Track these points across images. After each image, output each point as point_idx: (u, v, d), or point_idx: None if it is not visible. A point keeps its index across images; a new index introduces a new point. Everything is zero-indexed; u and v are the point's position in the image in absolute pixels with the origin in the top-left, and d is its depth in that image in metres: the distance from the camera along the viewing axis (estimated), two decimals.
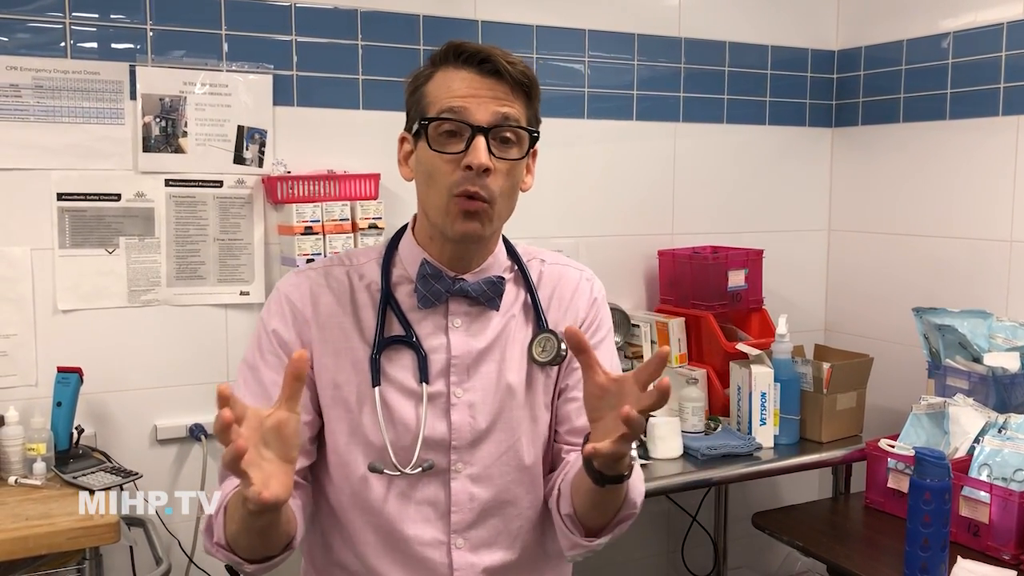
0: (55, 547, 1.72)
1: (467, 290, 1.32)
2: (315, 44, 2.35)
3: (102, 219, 2.17)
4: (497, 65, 1.24)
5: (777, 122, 3.02)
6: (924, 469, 1.81)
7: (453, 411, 1.32)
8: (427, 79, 1.29)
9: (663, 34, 2.80)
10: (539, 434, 1.38)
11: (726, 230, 2.90)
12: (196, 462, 2.28)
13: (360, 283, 1.35)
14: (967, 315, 2.41)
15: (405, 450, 1.30)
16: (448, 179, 1.24)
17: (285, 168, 2.31)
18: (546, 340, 1.35)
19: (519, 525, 1.37)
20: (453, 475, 1.33)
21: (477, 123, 1.23)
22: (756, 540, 2.70)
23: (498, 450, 1.34)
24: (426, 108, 1.27)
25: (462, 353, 1.33)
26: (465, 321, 1.34)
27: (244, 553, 1.21)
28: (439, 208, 1.26)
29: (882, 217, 2.96)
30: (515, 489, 1.36)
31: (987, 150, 2.62)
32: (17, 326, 2.12)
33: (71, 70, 2.12)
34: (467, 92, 1.24)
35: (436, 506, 1.33)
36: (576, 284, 1.42)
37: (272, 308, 1.34)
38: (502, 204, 1.27)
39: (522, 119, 1.27)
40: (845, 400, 2.45)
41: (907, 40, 2.83)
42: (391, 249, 1.38)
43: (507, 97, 1.25)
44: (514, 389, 1.35)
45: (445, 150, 1.24)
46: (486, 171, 1.22)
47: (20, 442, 1.97)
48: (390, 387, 1.31)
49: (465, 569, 1.34)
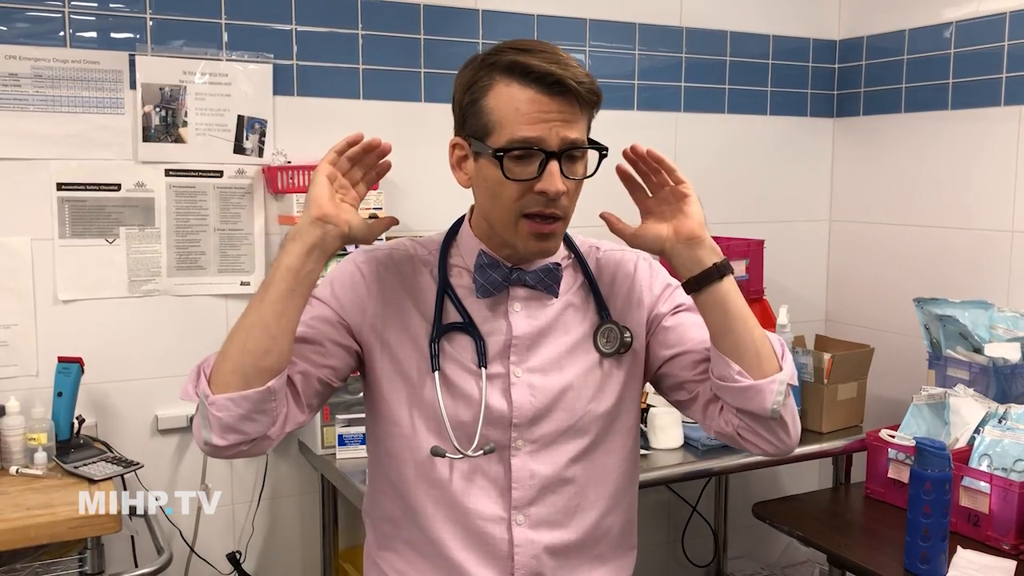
0: (57, 537, 1.73)
1: (525, 279, 1.34)
2: (315, 33, 2.35)
3: (102, 209, 2.17)
4: (568, 86, 1.21)
5: (778, 112, 3.02)
6: (925, 459, 1.81)
7: (513, 389, 1.34)
8: (487, 91, 1.25)
9: (664, 24, 2.79)
10: (607, 414, 1.38)
11: (727, 220, 2.89)
12: (197, 452, 2.28)
13: (421, 270, 1.38)
14: (968, 305, 2.40)
15: (467, 431, 1.32)
16: (517, 200, 1.25)
17: (285, 158, 2.30)
18: (609, 331, 1.37)
19: (578, 503, 1.38)
20: (513, 452, 1.34)
21: (550, 148, 1.22)
22: (756, 530, 2.70)
23: (558, 428, 1.35)
24: (489, 127, 1.24)
25: (522, 334, 1.35)
26: (525, 306, 1.36)
27: (222, 376, 1.19)
28: (506, 224, 1.28)
29: (883, 207, 2.96)
30: (576, 467, 1.37)
31: (989, 140, 2.62)
32: (18, 316, 2.12)
33: (71, 59, 2.11)
34: (537, 117, 1.21)
35: (496, 482, 1.34)
36: (634, 267, 1.44)
37: (339, 269, 1.37)
38: (570, 216, 1.30)
39: (588, 133, 1.28)
40: (846, 390, 2.45)
41: (909, 30, 2.82)
42: (448, 239, 1.40)
43: (575, 117, 1.24)
44: (576, 370, 1.36)
45: (517, 177, 1.23)
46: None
47: (21, 432, 1.97)
48: (450, 369, 1.33)
49: (526, 546, 1.35)
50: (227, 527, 2.37)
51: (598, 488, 1.40)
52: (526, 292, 1.36)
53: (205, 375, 1.22)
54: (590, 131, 1.29)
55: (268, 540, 2.42)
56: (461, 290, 1.36)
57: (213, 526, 2.33)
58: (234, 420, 1.19)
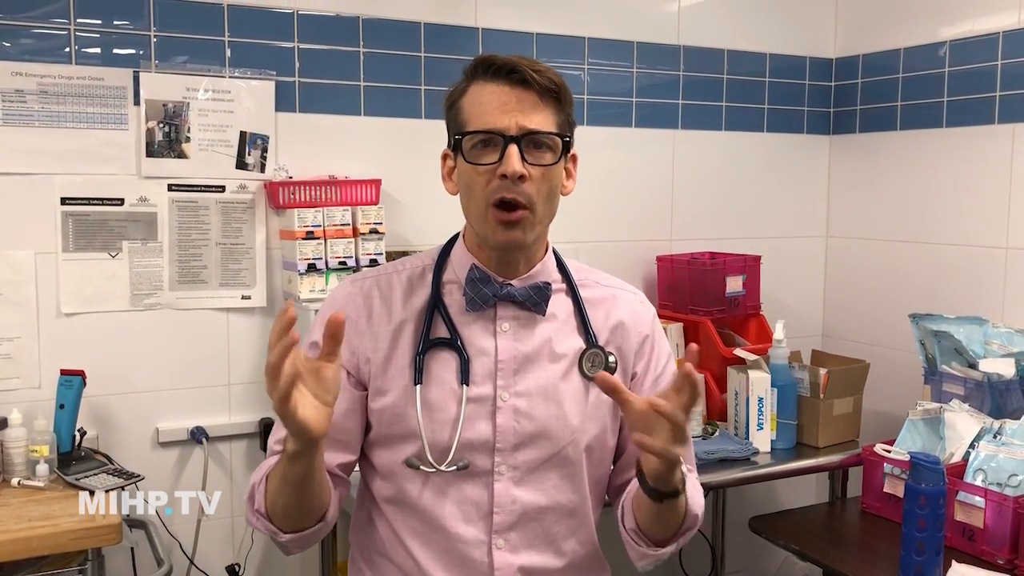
0: (58, 548, 1.74)
1: (514, 295, 1.37)
2: (317, 51, 2.37)
3: (105, 223, 2.19)
4: (524, 75, 1.28)
5: (775, 129, 3.04)
6: (919, 474, 1.82)
7: (499, 414, 1.35)
8: (461, 94, 1.33)
9: (662, 42, 2.82)
10: (590, 443, 1.41)
11: (724, 236, 2.91)
12: (197, 464, 2.29)
13: (413, 287, 1.41)
14: (963, 321, 2.42)
15: (444, 448, 1.34)
16: (485, 189, 1.29)
17: (287, 173, 2.32)
18: (594, 355, 1.40)
19: (558, 531, 1.40)
20: (496, 477, 1.36)
21: (508, 133, 1.27)
22: (754, 544, 2.71)
23: (542, 455, 1.37)
24: (462, 123, 1.31)
25: (508, 357, 1.37)
26: (513, 326, 1.38)
27: (280, 521, 1.28)
28: (480, 218, 1.32)
29: (879, 224, 2.98)
30: (557, 495, 1.39)
31: (983, 158, 2.64)
32: (21, 329, 2.13)
33: (75, 76, 2.14)
34: (498, 104, 1.28)
35: (479, 506, 1.36)
36: (631, 309, 1.47)
37: (321, 317, 1.41)
38: (542, 209, 1.32)
39: (553, 125, 1.31)
40: (842, 405, 2.46)
41: (904, 48, 2.85)
42: (443, 255, 1.43)
43: (537, 105, 1.29)
44: (562, 397, 1.38)
45: (480, 162, 1.29)
46: (521, 178, 1.27)
47: (23, 444, 1.98)
48: (434, 386, 1.35)
49: (504, 568, 1.37)
50: (226, 539, 2.38)
51: (580, 515, 1.42)
52: (515, 311, 1.38)
53: (264, 514, 1.29)
54: (570, 128, 1.34)
55: (267, 552, 2.42)
56: (452, 307, 1.39)
57: (212, 538, 2.34)
58: (304, 542, 1.33)
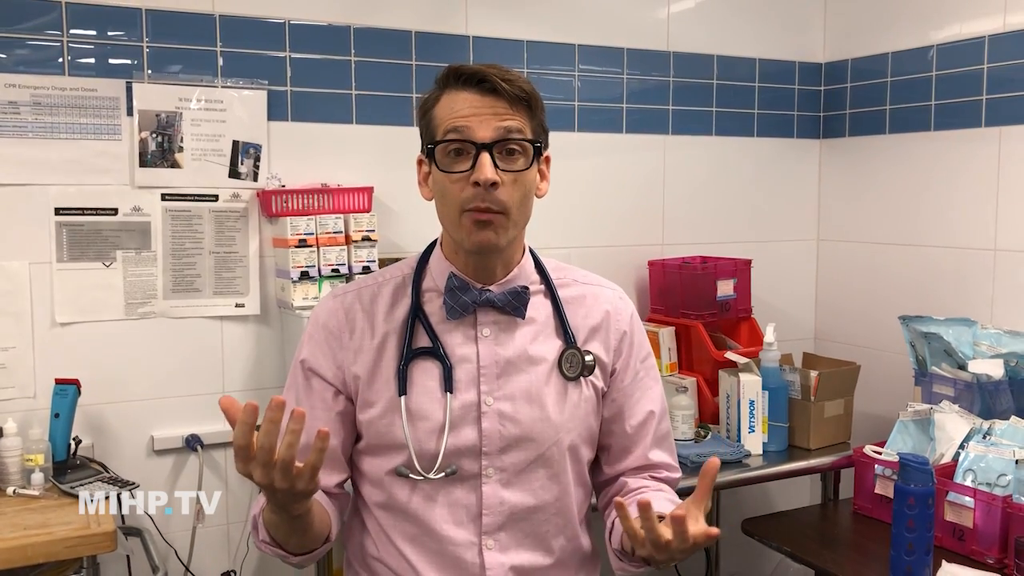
0: (53, 556, 1.74)
1: (493, 300, 1.38)
2: (309, 60, 2.39)
3: (99, 233, 2.20)
4: (494, 84, 1.30)
5: (765, 134, 3.06)
6: (908, 474, 1.83)
7: (484, 419, 1.37)
8: (434, 103, 1.35)
9: (652, 48, 2.84)
10: (573, 443, 1.43)
11: (715, 240, 2.93)
12: (192, 472, 2.30)
13: (393, 298, 1.42)
14: (952, 323, 2.44)
15: (431, 456, 1.36)
16: (459, 196, 1.31)
17: (279, 182, 2.34)
18: (572, 356, 1.42)
19: (546, 529, 1.43)
20: (484, 480, 1.38)
21: (480, 140, 1.29)
22: (747, 547, 2.72)
23: (527, 457, 1.39)
24: (434, 131, 1.33)
25: (490, 362, 1.39)
26: (494, 331, 1.40)
27: (287, 547, 1.33)
28: (454, 223, 1.33)
29: (869, 227, 3.00)
30: (544, 495, 1.41)
31: (971, 160, 2.66)
32: (15, 339, 2.14)
33: (68, 87, 2.15)
34: (469, 111, 1.30)
35: (468, 509, 1.38)
36: (610, 306, 1.49)
37: (308, 333, 1.43)
38: (516, 213, 1.33)
39: (525, 131, 1.33)
40: (833, 407, 2.48)
41: (892, 53, 2.87)
42: (422, 264, 1.45)
43: (507, 112, 1.31)
44: (544, 399, 1.40)
45: (453, 169, 1.30)
46: (494, 185, 1.28)
47: (18, 453, 1.99)
48: (418, 396, 1.37)
49: (495, 568, 1.39)
50: (222, 546, 2.39)
51: (567, 512, 1.45)
52: (495, 316, 1.40)
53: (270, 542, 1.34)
54: (544, 133, 1.38)
55: (263, 559, 2.43)
56: (433, 316, 1.40)
57: (208, 545, 2.35)
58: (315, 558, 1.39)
